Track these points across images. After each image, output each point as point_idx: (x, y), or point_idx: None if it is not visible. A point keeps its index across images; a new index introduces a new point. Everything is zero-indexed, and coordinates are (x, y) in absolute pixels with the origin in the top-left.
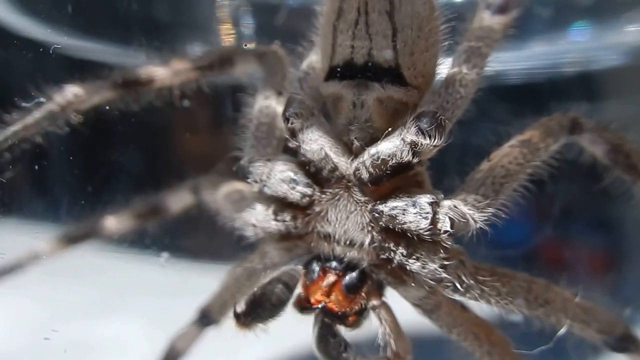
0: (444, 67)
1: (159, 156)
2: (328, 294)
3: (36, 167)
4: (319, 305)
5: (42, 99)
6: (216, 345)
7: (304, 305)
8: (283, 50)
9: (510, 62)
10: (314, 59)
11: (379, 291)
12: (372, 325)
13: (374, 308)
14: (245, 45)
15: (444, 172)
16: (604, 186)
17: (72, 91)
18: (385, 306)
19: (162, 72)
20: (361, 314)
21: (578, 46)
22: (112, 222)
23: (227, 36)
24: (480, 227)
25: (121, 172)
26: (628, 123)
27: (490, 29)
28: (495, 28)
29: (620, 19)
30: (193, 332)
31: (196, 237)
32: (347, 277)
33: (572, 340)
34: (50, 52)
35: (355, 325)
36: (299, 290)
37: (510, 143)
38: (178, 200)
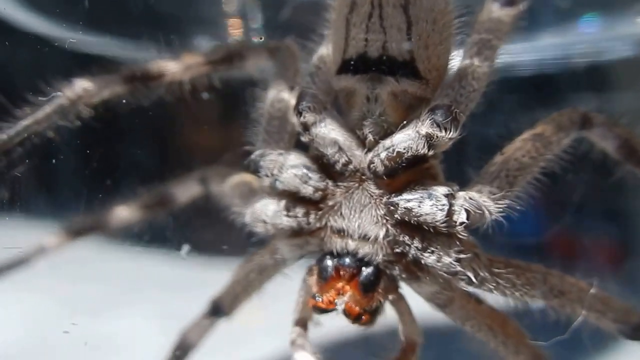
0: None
1: (167, 149)
2: (344, 292)
3: (43, 162)
4: (337, 307)
5: (53, 94)
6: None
7: (320, 307)
8: (295, 45)
9: (521, 53)
10: (325, 53)
11: (395, 285)
12: None
13: (391, 302)
14: (255, 40)
15: (456, 165)
16: (615, 179)
17: (81, 85)
18: (402, 298)
19: (173, 66)
20: (377, 311)
21: (588, 37)
22: (120, 214)
23: (235, 30)
24: (496, 219)
25: (129, 167)
26: (639, 114)
27: (499, 21)
28: (504, 20)
29: (631, 11)
30: (205, 324)
31: (216, 230)
32: (363, 275)
33: (587, 330)
34: (58, 46)
35: (370, 323)
36: (313, 289)
37: (522, 137)
38: (186, 191)
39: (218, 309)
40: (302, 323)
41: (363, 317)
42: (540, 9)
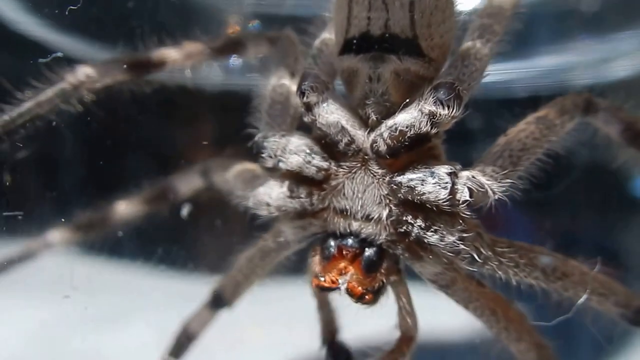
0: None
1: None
2: (346, 271)
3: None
4: (340, 286)
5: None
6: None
7: (322, 286)
8: (294, 34)
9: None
10: (327, 36)
11: (397, 267)
12: None
13: (393, 284)
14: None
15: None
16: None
17: (84, 71)
18: (403, 282)
19: (174, 54)
20: (380, 291)
21: (585, 58)
22: (123, 208)
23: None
24: (498, 198)
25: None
26: None
27: (500, 7)
28: (504, 6)
29: (628, 31)
30: (206, 315)
31: (217, 247)
32: (366, 255)
33: (590, 315)
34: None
35: (373, 302)
36: (315, 269)
37: (526, 120)
38: (187, 184)
39: (219, 299)
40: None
41: (366, 296)
42: (537, 28)
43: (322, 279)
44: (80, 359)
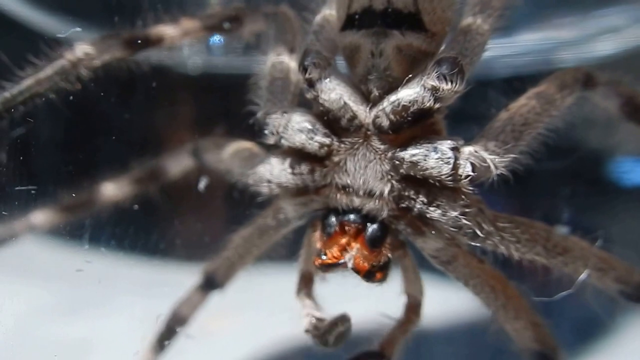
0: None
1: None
2: (350, 247)
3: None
4: (346, 263)
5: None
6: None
7: (326, 264)
8: (291, 10)
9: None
10: (328, 12)
11: (401, 241)
12: None
13: (398, 258)
14: None
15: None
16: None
17: (82, 49)
18: (407, 255)
19: (171, 30)
20: (387, 266)
21: (569, 35)
22: (110, 189)
23: None
24: (501, 173)
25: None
26: None
27: None
28: None
29: (611, 8)
30: (197, 298)
31: (200, 234)
32: (370, 231)
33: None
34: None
35: (382, 280)
36: (317, 245)
37: (527, 95)
38: (177, 164)
39: (211, 281)
40: (307, 277)
41: (376, 274)
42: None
43: (324, 257)
44: (66, 344)
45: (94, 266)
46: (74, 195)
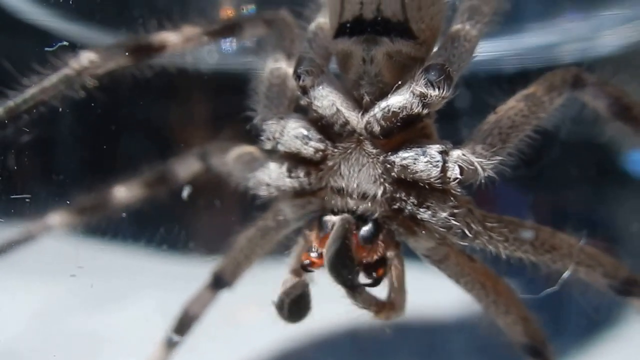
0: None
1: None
2: None
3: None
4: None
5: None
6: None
7: (310, 262)
8: (291, 16)
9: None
10: (322, 21)
11: (395, 242)
12: None
13: (391, 258)
14: (243, 9)
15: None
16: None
17: (87, 57)
18: (399, 257)
19: (173, 37)
20: (383, 264)
21: (573, 34)
22: (122, 192)
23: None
24: (488, 175)
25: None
26: None
27: None
28: None
29: (615, 6)
30: (206, 296)
31: (218, 228)
32: (363, 229)
33: (578, 286)
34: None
35: (382, 277)
36: (312, 243)
37: (515, 97)
38: (186, 168)
39: (220, 281)
40: (297, 273)
41: (378, 269)
42: (524, 5)
43: (314, 254)
44: (82, 338)
45: (111, 260)
46: (88, 197)
